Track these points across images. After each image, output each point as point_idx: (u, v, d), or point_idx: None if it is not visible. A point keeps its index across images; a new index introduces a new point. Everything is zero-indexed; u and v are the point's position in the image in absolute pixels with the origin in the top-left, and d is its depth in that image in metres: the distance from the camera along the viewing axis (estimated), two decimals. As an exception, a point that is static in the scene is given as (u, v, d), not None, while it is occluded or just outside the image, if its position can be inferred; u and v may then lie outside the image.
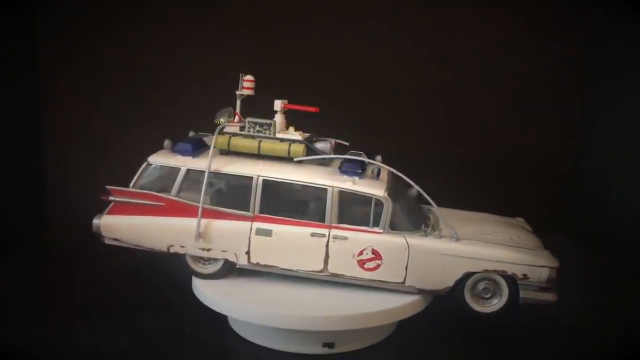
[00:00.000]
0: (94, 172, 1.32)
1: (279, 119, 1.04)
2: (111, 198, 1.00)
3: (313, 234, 0.97)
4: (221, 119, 1.03)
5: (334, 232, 0.97)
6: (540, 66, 1.54)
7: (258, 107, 1.04)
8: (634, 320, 1.14)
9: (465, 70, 1.51)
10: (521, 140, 1.58)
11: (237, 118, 1.04)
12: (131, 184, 1.01)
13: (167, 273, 1.06)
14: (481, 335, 1.05)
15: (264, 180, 0.97)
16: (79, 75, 1.39)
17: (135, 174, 1.02)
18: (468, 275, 0.97)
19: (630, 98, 1.41)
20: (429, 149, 1.46)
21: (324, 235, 0.97)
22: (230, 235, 0.98)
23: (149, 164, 1.01)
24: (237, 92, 1.04)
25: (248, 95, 1.04)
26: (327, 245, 0.97)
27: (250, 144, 1.01)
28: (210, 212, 0.98)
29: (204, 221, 0.97)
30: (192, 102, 1.36)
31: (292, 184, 0.98)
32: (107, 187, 1.00)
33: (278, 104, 1.04)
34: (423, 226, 1.00)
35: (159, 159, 1.01)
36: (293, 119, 1.05)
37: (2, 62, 1.26)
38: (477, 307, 0.99)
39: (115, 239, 1.01)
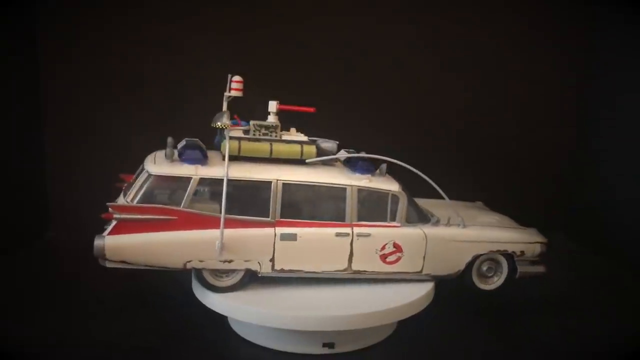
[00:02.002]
0: (94, 172, 1.33)
1: (274, 120, 1.01)
2: (115, 216, 0.90)
3: (338, 234, 0.97)
4: (218, 123, 0.97)
5: (356, 230, 0.98)
6: (540, 66, 1.54)
7: (244, 108, 1.02)
8: (634, 319, 1.14)
9: (465, 70, 1.51)
10: (521, 140, 1.58)
11: (227, 120, 0.98)
12: (130, 198, 0.92)
13: (167, 273, 1.06)
14: (480, 335, 1.05)
15: (283, 184, 0.95)
16: (79, 74, 1.38)
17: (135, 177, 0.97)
18: (476, 257, 1.05)
19: (631, 97, 1.41)
20: (427, 148, 1.46)
21: (348, 234, 0.97)
22: (253, 243, 0.94)
23: (150, 175, 0.93)
24: (225, 94, 0.99)
25: (236, 97, 0.99)
26: (351, 244, 0.97)
27: (262, 148, 0.98)
28: (229, 221, 0.92)
29: (224, 231, 0.92)
30: (192, 103, 1.36)
31: (310, 185, 0.97)
32: (109, 204, 0.91)
33: (273, 105, 1.01)
34: (433, 217, 1.05)
35: (163, 169, 0.93)
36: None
37: (2, 62, 1.26)
38: (482, 285, 1.08)
39: (123, 261, 0.91)
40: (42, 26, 1.36)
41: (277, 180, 0.95)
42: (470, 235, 1.04)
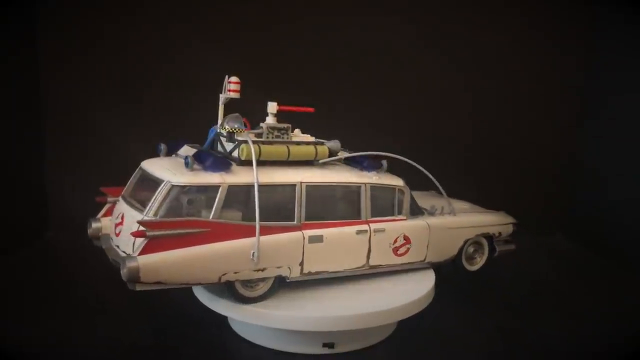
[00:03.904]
0: (94, 172, 1.32)
1: (272, 121, 0.99)
2: (148, 233, 0.81)
3: (358, 232, 0.98)
4: (227, 126, 0.94)
5: (373, 226, 1.00)
6: (540, 66, 1.54)
7: (240, 109, 1.00)
8: (634, 319, 1.14)
9: (465, 69, 1.51)
10: (521, 140, 1.58)
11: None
12: (152, 213, 0.85)
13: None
14: (481, 336, 1.05)
15: (307, 185, 0.94)
16: (79, 75, 1.39)
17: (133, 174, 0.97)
18: (466, 242, 1.15)
19: (631, 97, 1.41)
20: (427, 148, 1.45)
21: (366, 231, 0.99)
22: (284, 249, 0.91)
23: (173, 186, 0.86)
24: (222, 95, 0.96)
25: (233, 99, 0.96)
26: (369, 240, 0.99)
27: (280, 150, 0.95)
28: (260, 228, 0.88)
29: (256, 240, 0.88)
30: (192, 104, 1.36)
31: (330, 186, 0.97)
32: (139, 221, 0.83)
33: (273, 107, 0.98)
34: (432, 207, 1.12)
35: (187, 179, 0.87)
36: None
37: (2, 62, 1.26)
38: (469, 266, 1.18)
39: (158, 282, 0.83)
40: (42, 26, 1.36)
41: (301, 182, 0.94)
42: (462, 222, 1.14)
